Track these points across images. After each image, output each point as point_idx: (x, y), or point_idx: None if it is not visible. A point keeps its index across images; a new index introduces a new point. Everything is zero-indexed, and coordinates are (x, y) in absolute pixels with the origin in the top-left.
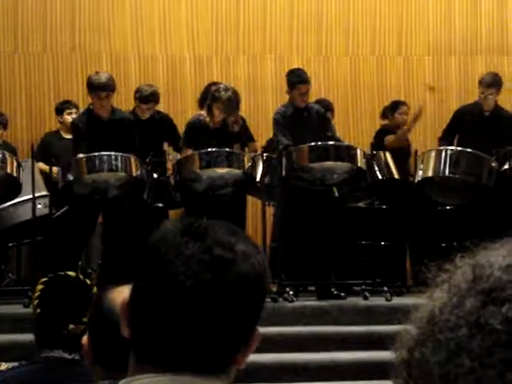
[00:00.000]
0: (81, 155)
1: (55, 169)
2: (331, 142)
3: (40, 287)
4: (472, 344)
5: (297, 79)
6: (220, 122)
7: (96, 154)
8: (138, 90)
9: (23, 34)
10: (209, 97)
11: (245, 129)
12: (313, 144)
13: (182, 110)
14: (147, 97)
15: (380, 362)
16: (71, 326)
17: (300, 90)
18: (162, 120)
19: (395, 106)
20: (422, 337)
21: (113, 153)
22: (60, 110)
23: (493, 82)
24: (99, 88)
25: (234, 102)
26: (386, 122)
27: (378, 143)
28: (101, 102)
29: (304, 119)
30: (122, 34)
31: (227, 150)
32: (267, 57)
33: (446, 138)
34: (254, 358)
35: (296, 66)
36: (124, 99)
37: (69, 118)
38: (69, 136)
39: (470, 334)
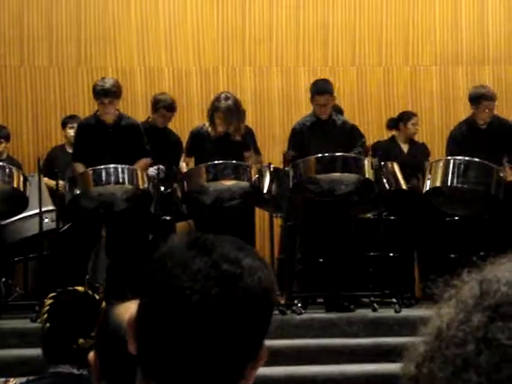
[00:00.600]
0: (80, 165)
1: (61, 183)
2: (338, 153)
3: (49, 302)
4: (479, 360)
5: (314, 90)
6: (223, 131)
7: (102, 166)
8: (158, 100)
9: (29, 48)
10: (210, 106)
11: (252, 141)
12: (320, 155)
13: (188, 122)
14: (171, 105)
15: (389, 375)
16: (81, 341)
17: (317, 100)
18: (171, 135)
19: (408, 116)
20: (430, 353)
21: (119, 165)
22: (63, 124)
23: (493, 95)
24: (102, 94)
25: (233, 111)
26: (393, 132)
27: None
28: (104, 107)
29: (326, 131)
30: (128, 47)
31: (234, 162)
32: (273, 69)
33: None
34: (262, 371)
35: (313, 78)
36: (130, 112)
37: (70, 133)
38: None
39: (477, 350)
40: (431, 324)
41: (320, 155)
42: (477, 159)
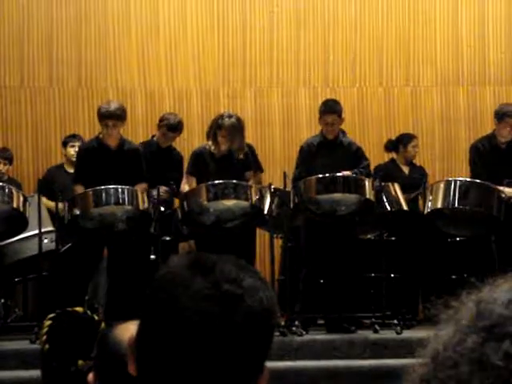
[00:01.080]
0: (80, 188)
1: (61, 205)
2: (339, 174)
3: (48, 323)
4: (473, 381)
5: (322, 109)
6: (226, 150)
7: (102, 187)
8: (164, 119)
9: (29, 68)
10: (213, 125)
11: (255, 159)
12: (320, 176)
13: (189, 143)
14: (176, 125)
15: None
16: (80, 362)
17: (325, 120)
18: (175, 155)
19: (408, 138)
20: (427, 375)
21: (119, 186)
22: (64, 143)
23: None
24: (106, 116)
25: (237, 128)
26: (392, 155)
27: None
28: (107, 130)
29: (332, 152)
30: (129, 69)
31: (234, 181)
32: (274, 89)
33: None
34: None
35: (328, 98)
36: (131, 134)
37: (71, 151)
38: (72, 170)
39: (470, 371)
40: (429, 346)
41: (320, 176)
42: (477, 180)
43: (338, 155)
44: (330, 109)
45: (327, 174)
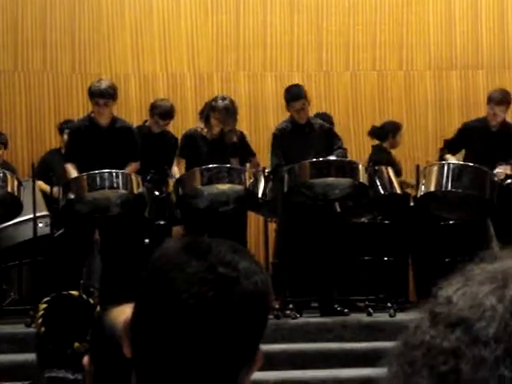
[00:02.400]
0: (71, 166)
1: (56, 189)
2: (332, 158)
3: (43, 306)
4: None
5: (289, 96)
6: (218, 133)
7: (97, 171)
8: (155, 106)
9: (23, 52)
10: (207, 107)
11: (245, 145)
12: (314, 160)
13: (183, 127)
14: (167, 112)
15: None
16: (76, 345)
17: (294, 107)
18: (169, 139)
19: (397, 127)
20: (416, 366)
21: (114, 170)
22: (61, 130)
23: (503, 99)
24: (98, 95)
25: (230, 111)
26: (381, 143)
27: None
28: (99, 108)
29: (305, 135)
30: (123, 53)
31: (228, 165)
32: (268, 74)
33: (449, 150)
34: (256, 376)
35: (295, 82)
36: (124, 117)
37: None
38: None
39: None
40: (410, 336)
41: (314, 160)
42: (471, 164)
43: (312, 138)
44: (297, 95)
45: (321, 159)
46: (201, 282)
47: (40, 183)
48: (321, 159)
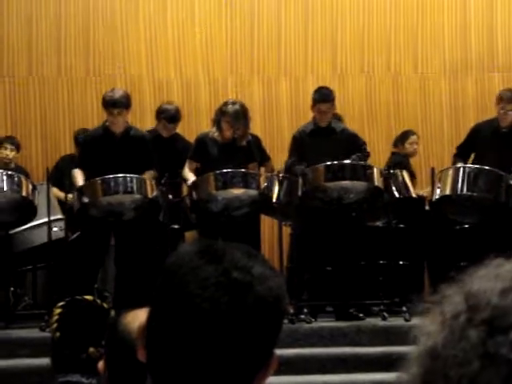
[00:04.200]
0: (79, 172)
1: (70, 196)
2: (347, 161)
3: (58, 311)
4: (485, 377)
5: (317, 97)
6: (230, 137)
7: (111, 176)
8: (162, 110)
9: (38, 58)
10: (218, 112)
11: (260, 149)
12: (329, 163)
13: (197, 132)
14: (173, 116)
15: None
16: (91, 350)
17: (320, 108)
18: (181, 142)
19: (404, 135)
20: (429, 376)
21: (128, 175)
22: (76, 140)
23: None
24: (112, 104)
25: (240, 115)
26: (396, 150)
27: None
28: (113, 118)
29: (325, 138)
30: (137, 58)
31: (243, 170)
32: (282, 77)
33: (460, 155)
34: (271, 380)
35: (317, 86)
36: (139, 123)
37: None
38: None
39: (481, 367)
40: (422, 343)
41: (329, 163)
42: (487, 167)
43: (332, 142)
44: (325, 97)
45: (335, 162)
46: (215, 287)
47: (55, 190)
48: (335, 162)
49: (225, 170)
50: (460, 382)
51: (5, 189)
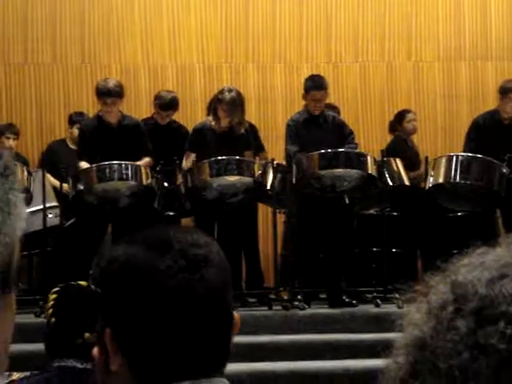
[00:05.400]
0: (85, 164)
1: (65, 185)
2: (341, 149)
3: (53, 296)
4: (476, 367)
5: (311, 85)
6: (227, 126)
7: (106, 163)
8: (157, 97)
9: (33, 45)
10: (214, 100)
11: (255, 138)
12: (323, 151)
13: (192, 119)
14: (167, 104)
15: None
16: (87, 335)
17: (314, 96)
18: (178, 129)
19: (401, 116)
20: (417, 366)
21: (123, 162)
22: (72, 122)
23: None
24: (105, 94)
25: (237, 102)
26: (397, 133)
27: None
28: (107, 107)
29: (319, 127)
30: (132, 44)
31: (237, 157)
32: (277, 65)
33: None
34: (265, 366)
35: (311, 74)
36: (134, 110)
37: (75, 133)
38: (74, 147)
39: (472, 357)
40: (408, 333)
41: (323, 151)
42: (479, 155)
43: (325, 130)
44: (319, 85)
45: (329, 150)
46: (180, 271)
47: (51, 179)
48: (329, 150)
49: (219, 158)
50: (449, 373)
51: None
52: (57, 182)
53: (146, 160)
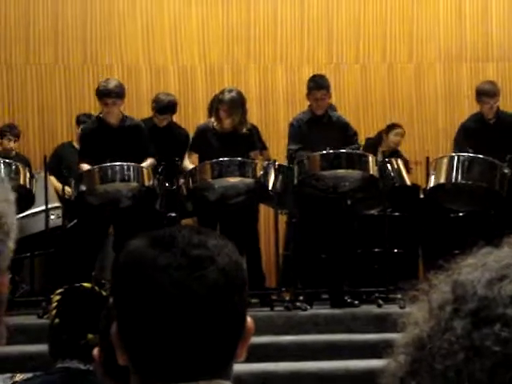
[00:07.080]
0: (86, 166)
1: (68, 189)
2: (343, 150)
3: (57, 298)
4: (470, 368)
5: (312, 85)
6: (229, 127)
7: (108, 164)
8: (155, 100)
9: (35, 46)
10: (215, 101)
11: (258, 138)
12: (324, 152)
13: (194, 119)
14: (163, 108)
15: None
16: (90, 336)
17: (314, 95)
18: (178, 131)
19: (391, 127)
20: (415, 365)
21: (125, 163)
22: (79, 122)
23: (495, 91)
24: (105, 94)
25: (237, 102)
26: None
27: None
28: (108, 108)
29: (322, 127)
30: (134, 45)
31: (239, 159)
32: (278, 66)
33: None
34: (267, 366)
35: (312, 74)
36: (136, 111)
37: None
38: None
39: (466, 359)
40: (409, 332)
41: (325, 152)
42: (481, 156)
43: (329, 130)
44: (319, 84)
45: (331, 151)
46: (178, 270)
47: (53, 181)
48: (331, 151)
49: (221, 159)
50: (445, 374)
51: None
52: (59, 186)
53: (150, 162)
